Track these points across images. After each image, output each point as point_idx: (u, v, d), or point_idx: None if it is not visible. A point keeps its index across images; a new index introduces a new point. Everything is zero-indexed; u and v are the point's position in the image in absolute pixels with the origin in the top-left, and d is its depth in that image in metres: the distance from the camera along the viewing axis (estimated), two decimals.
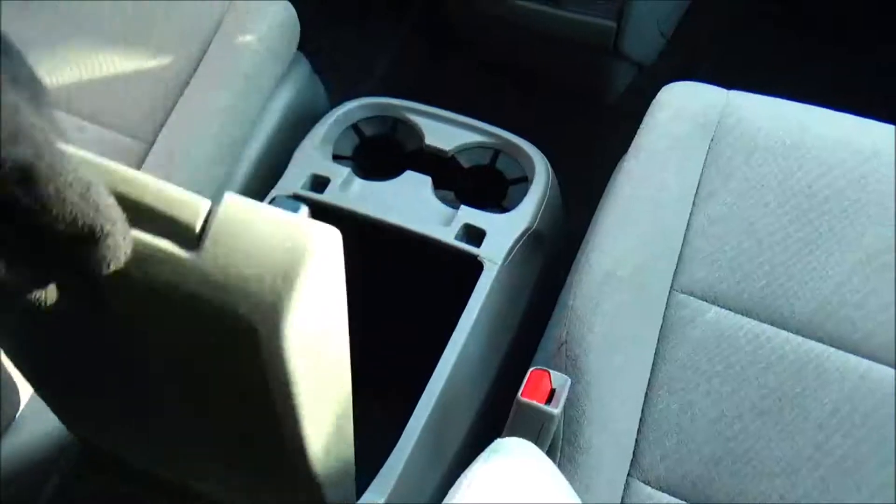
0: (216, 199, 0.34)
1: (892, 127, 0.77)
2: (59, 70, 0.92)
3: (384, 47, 1.47)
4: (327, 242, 0.33)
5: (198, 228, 0.34)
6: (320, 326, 0.37)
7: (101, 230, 0.32)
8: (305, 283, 0.32)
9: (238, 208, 0.34)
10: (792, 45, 1.39)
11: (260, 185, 0.92)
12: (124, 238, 0.33)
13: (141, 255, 0.34)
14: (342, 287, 0.37)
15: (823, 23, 1.40)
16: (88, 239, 0.32)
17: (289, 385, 0.36)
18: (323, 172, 0.87)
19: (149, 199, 0.34)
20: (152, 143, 0.88)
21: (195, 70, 0.89)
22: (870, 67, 1.33)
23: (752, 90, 0.82)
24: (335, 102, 0.99)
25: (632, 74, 1.28)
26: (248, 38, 0.90)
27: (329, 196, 0.85)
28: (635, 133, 0.81)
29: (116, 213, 0.33)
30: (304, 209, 0.39)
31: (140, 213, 0.34)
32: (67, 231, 0.31)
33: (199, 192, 0.87)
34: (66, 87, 0.91)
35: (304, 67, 1.02)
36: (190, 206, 0.34)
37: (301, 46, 1.00)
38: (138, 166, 0.87)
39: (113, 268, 0.33)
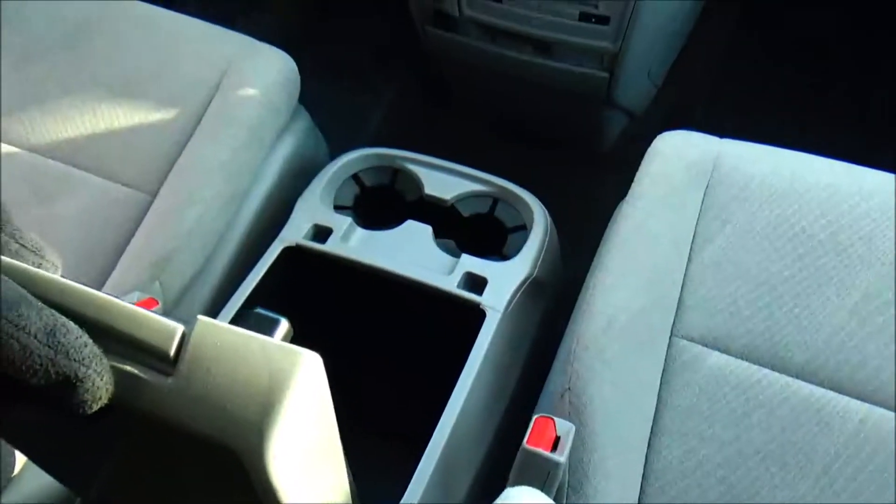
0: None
1: (879, 173, 0.79)
2: (64, 123, 0.94)
3: (379, 101, 1.50)
4: (309, 366, 0.32)
5: (172, 353, 0.33)
6: (308, 446, 0.35)
7: (76, 376, 0.30)
8: (288, 408, 0.32)
9: (212, 332, 0.33)
10: (778, 90, 1.43)
11: (261, 237, 0.93)
12: (102, 378, 0.31)
13: (115, 384, 0.33)
14: (329, 406, 0.37)
15: (809, 72, 1.43)
16: (65, 386, 0.30)
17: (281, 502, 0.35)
18: (325, 223, 0.88)
19: (120, 325, 0.33)
20: (155, 195, 0.89)
21: (198, 122, 0.91)
22: (854, 110, 1.37)
23: (743, 135, 0.85)
24: (333, 155, 1.01)
25: (624, 123, 1.31)
26: (251, 90, 0.92)
27: (331, 246, 0.86)
28: (628, 180, 0.83)
29: (91, 353, 0.31)
30: (284, 323, 0.38)
31: (111, 339, 0.33)
32: (41, 382, 0.29)
33: (200, 244, 0.88)
34: (71, 140, 0.93)
35: (305, 119, 1.04)
36: (163, 330, 0.33)
37: (301, 98, 1.02)
38: (141, 218, 0.88)
39: (95, 408, 0.31)
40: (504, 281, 0.83)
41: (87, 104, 0.94)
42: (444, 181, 0.93)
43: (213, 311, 0.86)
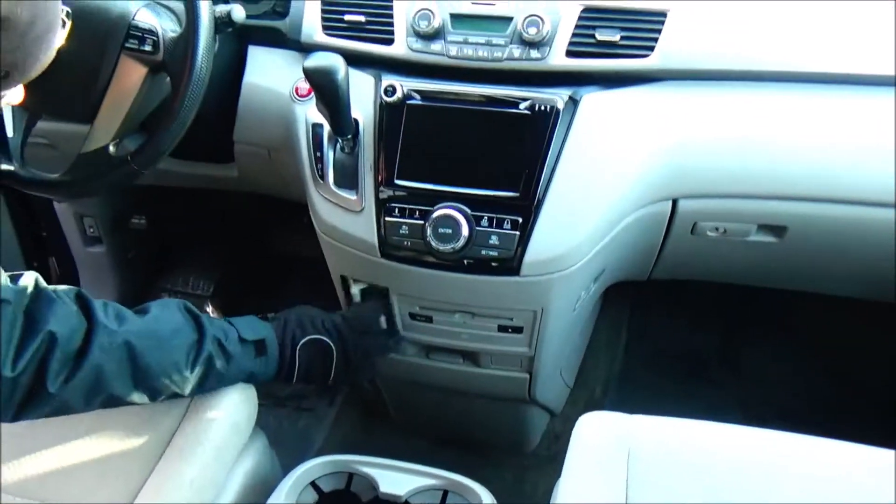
0: None
1: (758, 431, 0.94)
2: (31, 461, 0.99)
3: (321, 422, 1.61)
4: None
5: None
6: None
7: None
8: None
9: None
10: (669, 379, 1.65)
11: None
12: None
13: None
14: None
15: (688, 363, 1.68)
16: None
17: None
18: None
19: None
20: None
21: (169, 442, 0.98)
22: (737, 394, 1.59)
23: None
24: (285, 469, 1.09)
25: (546, 420, 1.46)
26: (216, 412, 1.02)
27: None
28: (554, 471, 0.94)
29: None
30: None
31: None
32: None
33: None
34: (38, 477, 0.97)
35: (262, 438, 1.13)
36: None
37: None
38: None
39: None
40: None
41: (56, 439, 1.01)
42: (396, 479, 1.02)
43: None
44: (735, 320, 1.70)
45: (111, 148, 1.01)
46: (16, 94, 0.81)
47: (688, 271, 1.30)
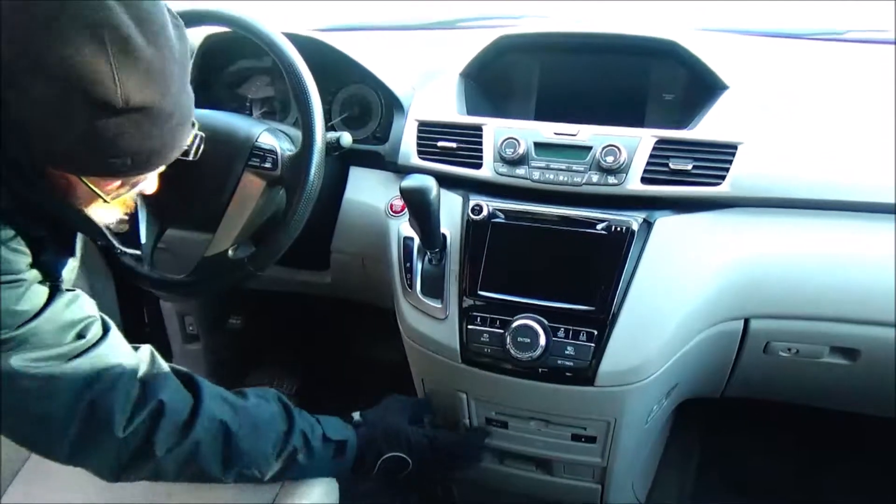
0: None
1: None
2: None
3: None
4: None
5: None
6: None
7: None
8: None
9: None
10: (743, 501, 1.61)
11: None
12: None
13: None
14: None
15: (763, 485, 1.64)
16: None
17: None
18: None
19: None
20: None
21: None
22: None
23: None
24: None
25: None
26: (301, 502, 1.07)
27: None
28: None
29: None
30: None
31: None
32: None
33: None
34: None
35: None
36: None
37: None
38: None
39: None
40: None
41: None
42: None
43: None
44: (811, 443, 1.67)
45: (230, 252, 1.14)
46: (151, 183, 0.90)
47: (761, 390, 1.32)
